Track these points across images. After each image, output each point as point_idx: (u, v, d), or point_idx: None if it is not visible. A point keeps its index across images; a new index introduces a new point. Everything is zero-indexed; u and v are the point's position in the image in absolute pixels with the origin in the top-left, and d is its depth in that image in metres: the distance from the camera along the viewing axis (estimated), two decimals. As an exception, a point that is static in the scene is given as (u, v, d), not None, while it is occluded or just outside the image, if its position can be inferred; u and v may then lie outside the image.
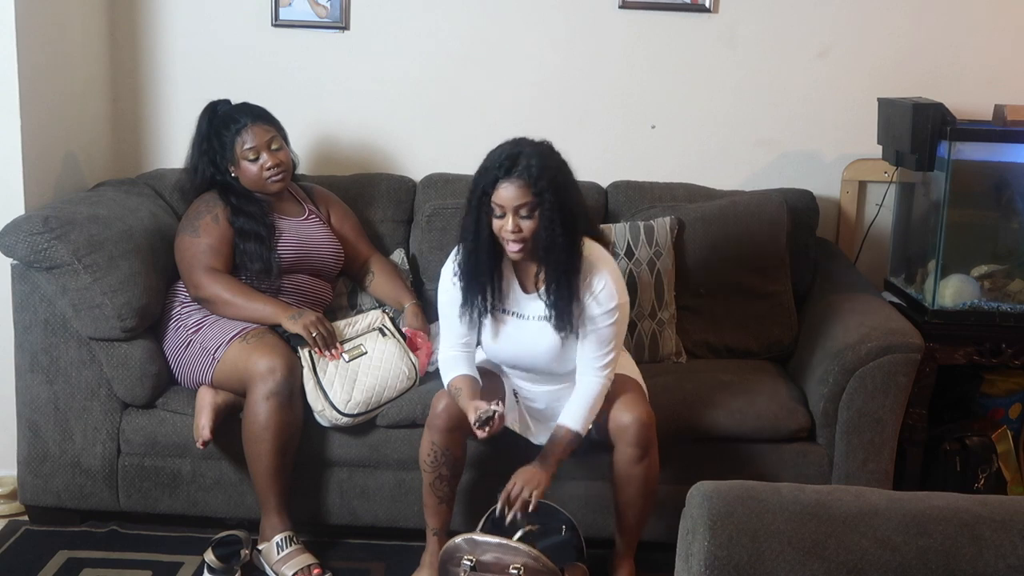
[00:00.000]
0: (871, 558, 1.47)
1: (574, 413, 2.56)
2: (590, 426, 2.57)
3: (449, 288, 2.60)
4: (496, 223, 2.46)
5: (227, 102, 3.01)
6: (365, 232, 3.22)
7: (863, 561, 1.47)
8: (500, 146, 2.47)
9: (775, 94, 3.51)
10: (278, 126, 3.00)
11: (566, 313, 2.49)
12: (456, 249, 2.58)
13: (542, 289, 2.54)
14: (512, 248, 2.46)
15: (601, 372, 2.56)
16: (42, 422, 2.86)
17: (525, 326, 2.59)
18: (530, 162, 2.40)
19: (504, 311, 2.60)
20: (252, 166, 2.93)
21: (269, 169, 2.93)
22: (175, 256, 2.93)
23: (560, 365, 2.60)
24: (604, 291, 2.51)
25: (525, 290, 2.59)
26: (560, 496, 2.77)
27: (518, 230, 2.42)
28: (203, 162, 2.97)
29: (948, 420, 3.19)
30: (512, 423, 2.67)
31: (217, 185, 2.96)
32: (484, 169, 2.46)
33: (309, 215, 3.07)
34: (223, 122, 2.95)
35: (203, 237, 2.87)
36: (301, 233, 3.00)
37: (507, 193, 2.41)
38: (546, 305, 2.53)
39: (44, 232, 2.73)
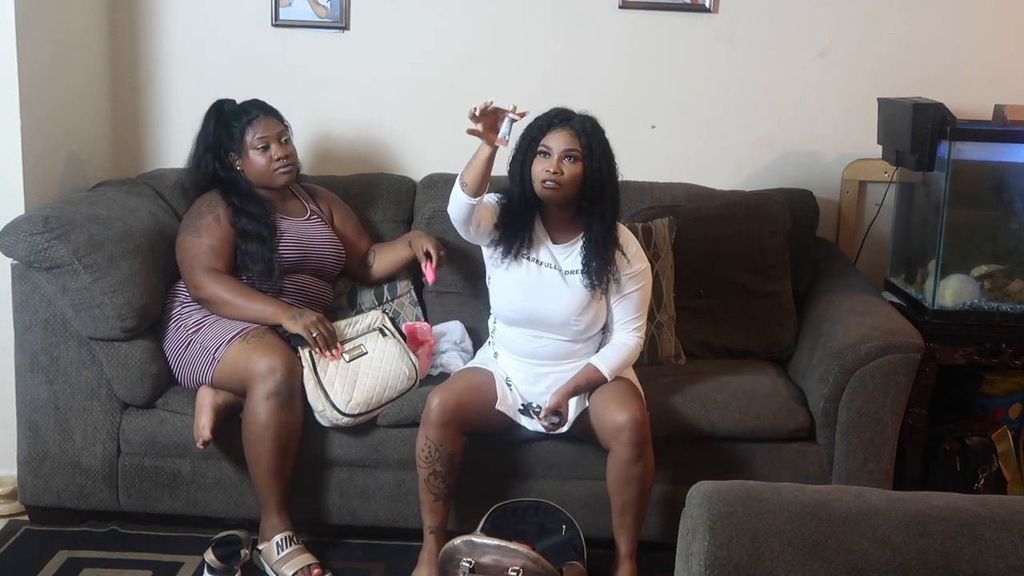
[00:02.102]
0: (871, 558, 1.47)
1: (607, 358, 2.67)
2: (613, 376, 2.66)
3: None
4: (538, 165, 2.59)
5: (232, 101, 3.02)
6: (366, 232, 3.22)
7: (863, 561, 1.47)
8: (552, 108, 2.63)
9: (775, 94, 3.51)
10: (286, 123, 3.01)
11: (601, 270, 2.62)
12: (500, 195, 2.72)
13: (577, 241, 2.66)
14: (547, 186, 2.57)
15: (636, 333, 2.70)
16: (42, 422, 2.86)
17: (551, 276, 2.66)
18: (584, 121, 2.61)
19: (531, 259, 2.67)
20: (261, 157, 2.93)
21: (278, 160, 2.93)
22: (176, 256, 2.93)
23: (577, 321, 2.66)
24: (637, 253, 2.69)
25: (556, 243, 2.69)
26: (560, 496, 2.78)
27: (559, 172, 2.56)
28: (207, 158, 2.97)
29: (948, 420, 3.19)
30: (505, 408, 2.69)
31: (219, 183, 2.96)
32: (537, 119, 2.61)
33: (311, 215, 3.07)
34: (233, 114, 2.96)
35: (204, 237, 2.87)
36: (303, 233, 3.00)
37: (557, 137, 2.58)
38: (582, 257, 2.64)
39: (44, 232, 2.73)
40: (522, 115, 2.51)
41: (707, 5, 3.44)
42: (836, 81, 3.49)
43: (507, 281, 2.70)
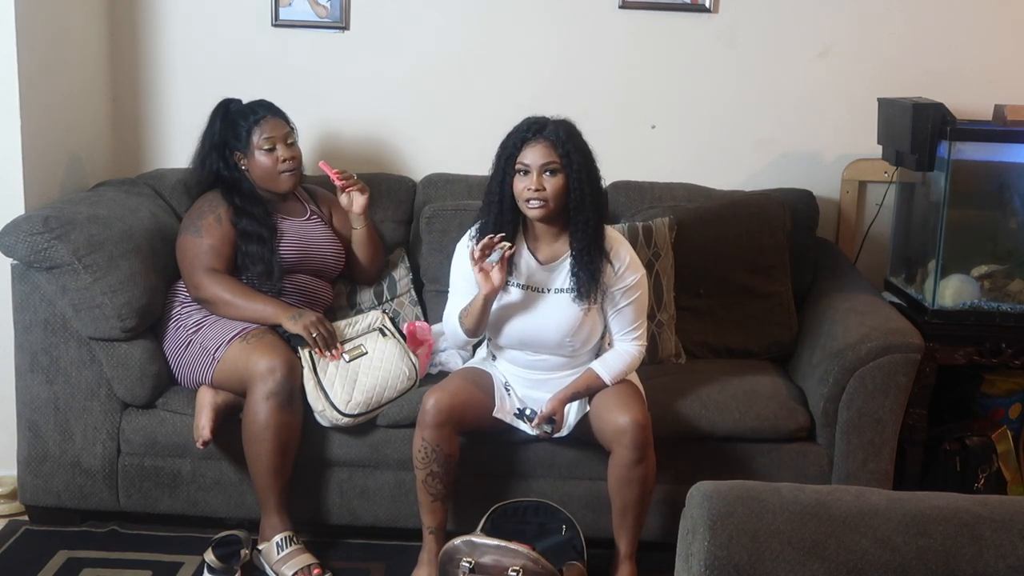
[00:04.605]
0: (871, 558, 1.47)
1: (609, 363, 2.64)
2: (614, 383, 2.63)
3: (463, 252, 2.65)
4: (519, 184, 2.52)
5: (239, 101, 3.02)
6: None
7: (863, 561, 1.47)
8: (524, 119, 2.57)
9: (775, 94, 3.51)
10: (292, 125, 3.02)
11: (591, 281, 2.55)
12: (476, 220, 2.66)
13: (564, 259, 2.59)
14: (533, 206, 2.51)
15: (637, 341, 2.66)
16: (42, 422, 2.86)
17: (540, 299, 2.61)
18: (557, 128, 2.52)
19: (517, 285, 2.62)
20: (267, 158, 2.92)
21: (284, 162, 2.93)
22: (176, 256, 2.93)
23: (572, 340, 2.62)
24: (631, 264, 2.61)
25: (541, 262, 2.61)
26: (560, 496, 2.78)
27: (541, 188, 2.49)
28: (212, 156, 2.97)
29: (948, 420, 3.19)
30: (503, 414, 2.68)
31: (222, 183, 2.96)
32: (510, 135, 2.55)
33: (311, 216, 3.07)
34: (240, 113, 2.96)
35: (205, 237, 2.87)
36: (303, 234, 3.00)
37: (533, 152, 2.50)
38: (571, 273, 2.57)
39: (44, 232, 2.73)
40: (511, 252, 2.51)
41: (707, 5, 3.44)
42: (836, 81, 3.49)
43: (494, 311, 2.63)
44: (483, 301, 2.54)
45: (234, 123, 2.95)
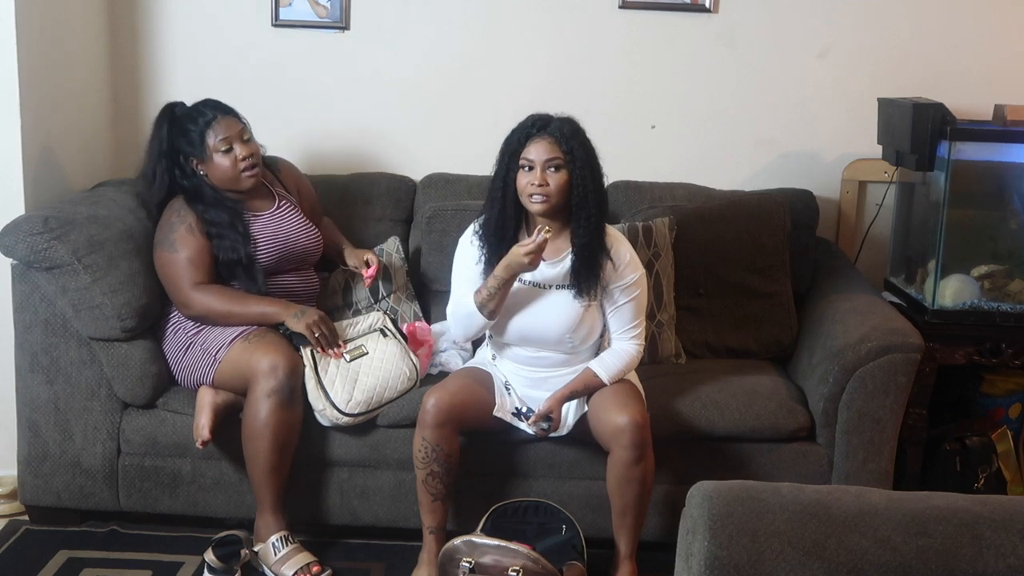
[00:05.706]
0: (871, 558, 1.47)
1: (606, 363, 2.64)
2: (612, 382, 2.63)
3: (467, 247, 2.68)
4: (522, 179, 2.54)
5: (183, 104, 2.93)
6: (321, 205, 3.19)
7: (863, 561, 1.47)
8: (528, 116, 2.58)
9: (775, 94, 3.51)
10: (244, 121, 2.91)
11: (591, 277, 2.56)
12: (479, 215, 2.67)
13: (566, 255, 2.60)
14: (536, 200, 2.53)
15: (635, 340, 2.66)
16: (42, 422, 2.86)
17: (541, 295, 2.62)
18: (561, 125, 2.54)
19: (519, 280, 2.62)
20: (225, 159, 2.84)
21: (244, 160, 2.84)
22: (158, 275, 2.86)
23: (572, 337, 2.63)
24: (631, 262, 2.62)
25: (543, 258, 2.60)
26: (560, 496, 2.78)
27: (545, 183, 2.51)
28: (161, 167, 2.87)
29: (948, 420, 3.19)
30: (503, 414, 2.68)
31: (182, 191, 2.88)
32: (514, 131, 2.57)
33: (280, 203, 2.99)
34: (188, 117, 2.86)
35: (181, 251, 2.79)
36: (276, 228, 2.92)
37: (537, 148, 2.53)
38: (572, 269, 2.58)
39: (44, 232, 2.73)
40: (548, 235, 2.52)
41: (707, 5, 3.44)
42: (836, 81, 3.49)
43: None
44: (509, 279, 2.54)
45: (184, 129, 2.85)
